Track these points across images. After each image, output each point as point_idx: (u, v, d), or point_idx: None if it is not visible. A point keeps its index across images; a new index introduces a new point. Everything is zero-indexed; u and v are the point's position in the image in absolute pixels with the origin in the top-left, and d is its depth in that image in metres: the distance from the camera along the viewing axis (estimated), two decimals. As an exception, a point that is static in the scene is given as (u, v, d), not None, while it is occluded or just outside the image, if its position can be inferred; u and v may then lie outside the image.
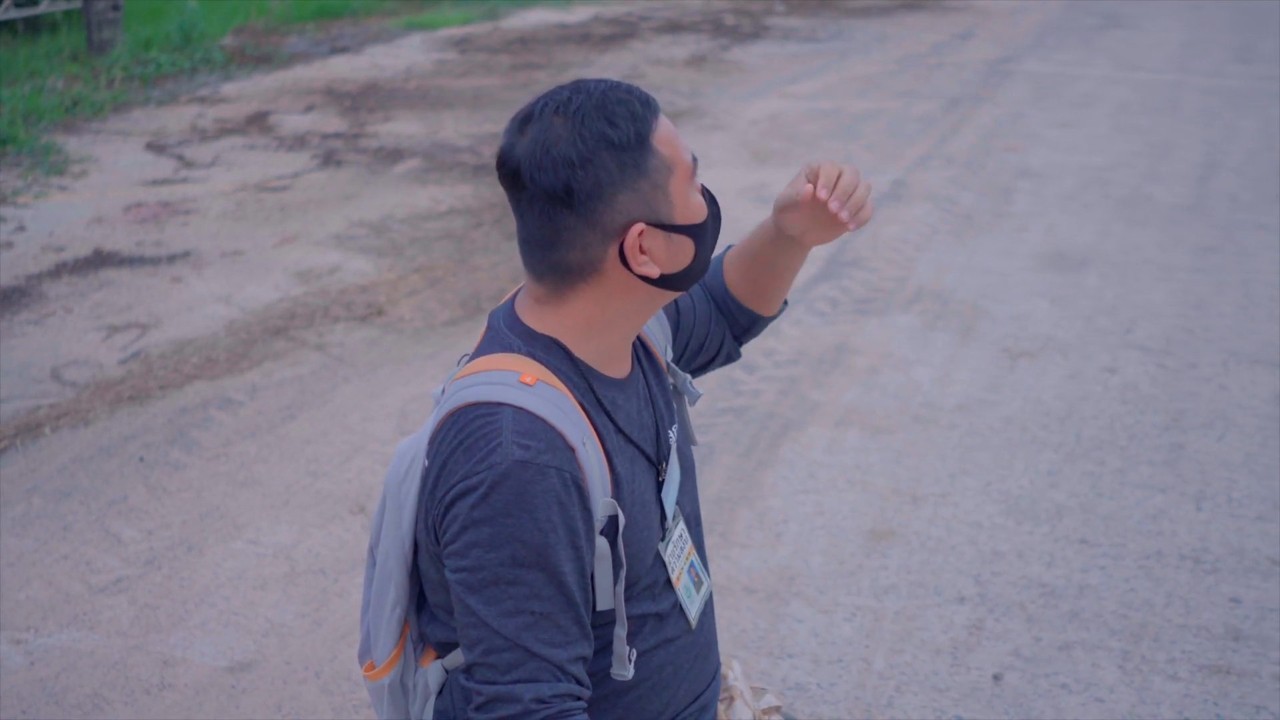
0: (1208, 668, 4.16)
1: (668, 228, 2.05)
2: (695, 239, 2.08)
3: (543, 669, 1.97)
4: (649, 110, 2.04)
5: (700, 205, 2.09)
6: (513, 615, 1.97)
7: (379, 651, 2.25)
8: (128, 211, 8.63)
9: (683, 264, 2.09)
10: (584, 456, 2.02)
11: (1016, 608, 4.47)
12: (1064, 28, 16.35)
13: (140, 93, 12.18)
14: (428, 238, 8.16)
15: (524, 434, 1.97)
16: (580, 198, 2.00)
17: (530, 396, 2.01)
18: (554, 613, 1.98)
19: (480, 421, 2.00)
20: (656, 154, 2.02)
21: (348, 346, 6.56)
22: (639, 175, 2.01)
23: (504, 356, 2.09)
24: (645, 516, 2.16)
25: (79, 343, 6.60)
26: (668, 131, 2.05)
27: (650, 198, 2.03)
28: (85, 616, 4.47)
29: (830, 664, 4.19)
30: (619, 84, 2.07)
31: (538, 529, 1.96)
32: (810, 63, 13.97)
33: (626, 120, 2.01)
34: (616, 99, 2.02)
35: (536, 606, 1.97)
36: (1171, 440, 5.63)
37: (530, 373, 2.04)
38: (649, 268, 2.05)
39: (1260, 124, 11.20)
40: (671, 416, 2.31)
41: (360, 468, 5.42)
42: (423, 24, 16.09)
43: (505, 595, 1.97)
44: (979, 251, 7.99)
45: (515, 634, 1.97)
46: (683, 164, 2.06)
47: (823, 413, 5.88)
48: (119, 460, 5.49)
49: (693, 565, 2.31)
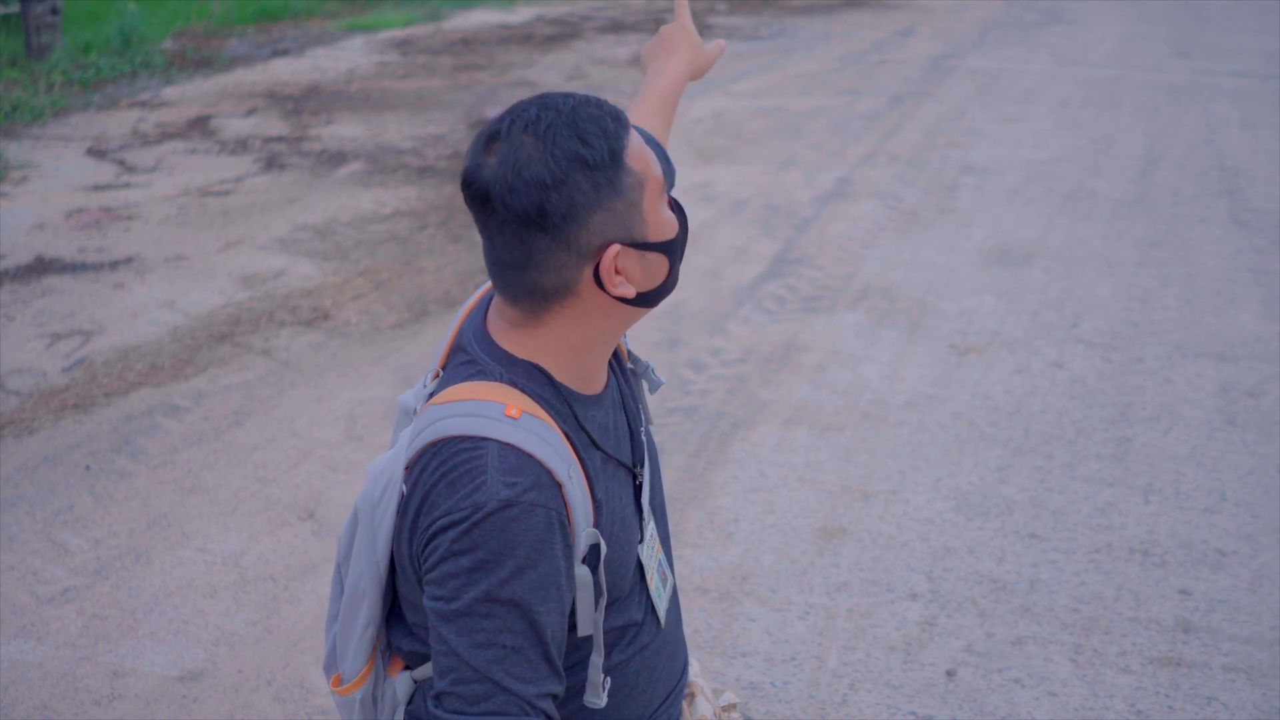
0: (1159, 660, 4.18)
1: (643, 246, 1.99)
2: (669, 255, 2.04)
3: (510, 703, 1.93)
4: (620, 125, 1.96)
5: (671, 220, 2.04)
6: (484, 648, 1.93)
7: (348, 668, 2.22)
8: (69, 217, 8.55)
9: (657, 281, 2.04)
10: (570, 491, 1.97)
11: (968, 603, 4.49)
12: (1005, 24, 16.43)
13: (80, 97, 12.07)
14: (372, 241, 8.12)
15: (510, 471, 1.91)
16: (554, 220, 1.92)
17: (516, 431, 1.95)
18: (526, 648, 1.94)
19: (464, 456, 1.93)
20: (630, 171, 1.95)
21: (294, 351, 6.52)
22: (614, 194, 1.94)
23: (484, 385, 2.02)
24: (626, 531, 2.14)
25: (21, 351, 6.54)
26: (639, 146, 1.98)
27: (625, 217, 1.96)
28: (33, 628, 4.42)
29: (784, 663, 4.19)
30: (588, 98, 2.00)
31: (517, 567, 1.91)
32: (753, 61, 13.99)
33: (599, 138, 1.93)
34: (587, 115, 1.95)
35: (509, 641, 1.93)
36: (1119, 434, 5.66)
37: (514, 404, 1.98)
38: (625, 289, 1.99)
39: (1201, 118, 11.29)
40: (642, 413, 2.30)
41: (309, 473, 5.39)
42: (364, 26, 16.02)
43: (478, 628, 1.93)
44: (925, 248, 8.02)
45: (485, 666, 1.92)
46: (654, 178, 1.99)
47: (772, 411, 5.89)
48: (64, 469, 5.44)
49: (660, 564, 2.29)
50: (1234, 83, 12.74)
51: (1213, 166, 9.72)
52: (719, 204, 8.88)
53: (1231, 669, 4.13)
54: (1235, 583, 4.59)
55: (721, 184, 9.33)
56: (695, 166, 9.80)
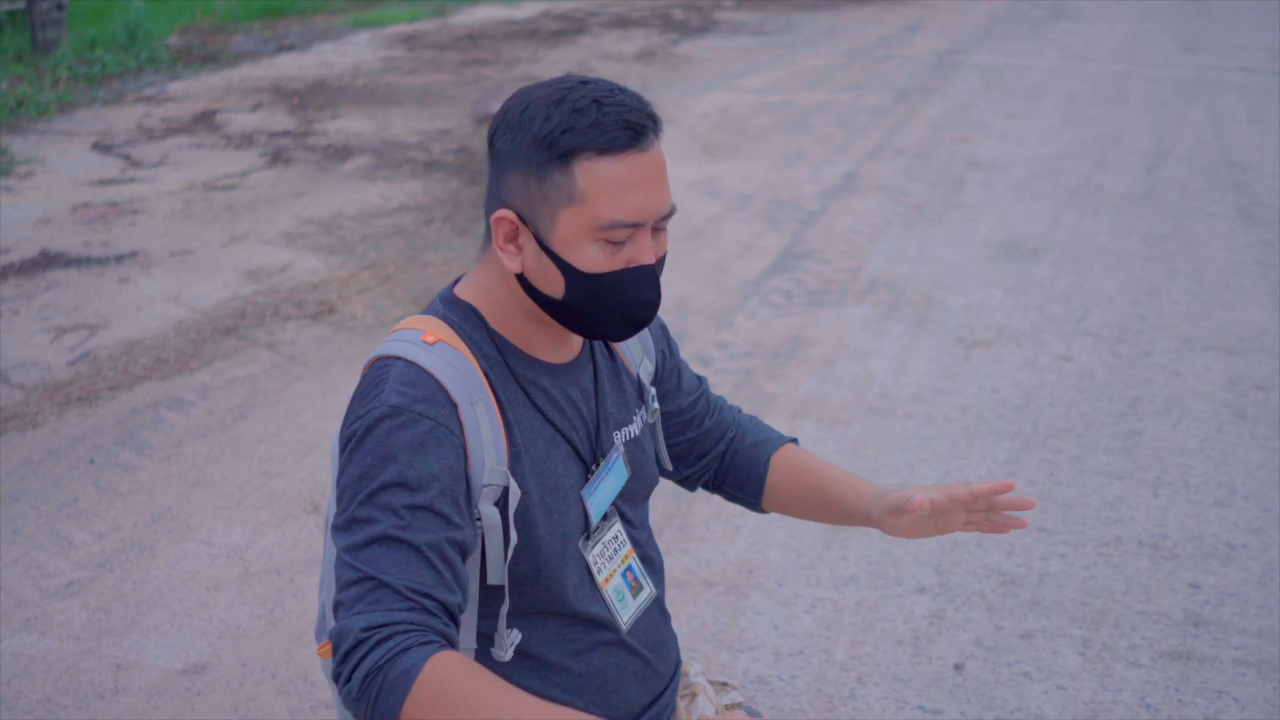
0: (1168, 654, 4.16)
1: (542, 245, 2.01)
2: (568, 279, 2.01)
3: (387, 596, 1.87)
4: (598, 138, 1.95)
5: (595, 260, 2.00)
6: (369, 546, 1.90)
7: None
8: (74, 212, 8.54)
9: (547, 287, 2.04)
10: (467, 414, 2.01)
11: (977, 597, 4.46)
12: (1011, 20, 16.41)
13: (86, 93, 12.06)
14: (378, 235, 8.11)
15: (406, 383, 1.99)
16: (496, 155, 2.05)
17: (424, 353, 2.02)
18: (413, 547, 1.90)
19: (375, 374, 2.03)
20: (570, 177, 1.96)
21: (299, 345, 6.50)
22: (533, 176, 1.99)
23: (420, 318, 2.12)
24: (559, 504, 2.13)
25: (26, 345, 6.52)
26: (606, 173, 1.96)
27: (535, 203, 2.00)
28: (37, 621, 4.40)
29: (791, 656, 4.17)
30: (626, 100, 2.00)
31: (399, 471, 1.93)
32: (759, 56, 13.97)
33: (561, 125, 1.96)
34: (584, 106, 1.97)
35: (395, 533, 1.90)
36: (1128, 427, 5.63)
37: (434, 332, 2.06)
38: (511, 261, 2.04)
39: (1208, 113, 11.26)
40: (623, 419, 2.28)
41: (314, 466, 5.37)
42: (370, 21, 16.01)
43: (365, 529, 1.91)
44: (931, 242, 8.00)
45: (368, 564, 1.89)
46: (593, 211, 1.97)
47: (779, 405, 5.86)
48: (69, 463, 5.42)
49: (630, 569, 2.27)
50: (1241, 78, 12.71)
51: (1220, 161, 9.69)
52: (725, 199, 8.86)
53: (1242, 663, 4.11)
54: (1245, 576, 4.56)
55: (727, 179, 9.31)
56: (701, 161, 9.78)
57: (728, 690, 2.58)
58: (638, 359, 2.34)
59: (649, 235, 2.02)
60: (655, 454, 2.40)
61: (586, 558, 2.19)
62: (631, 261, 2.01)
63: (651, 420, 2.37)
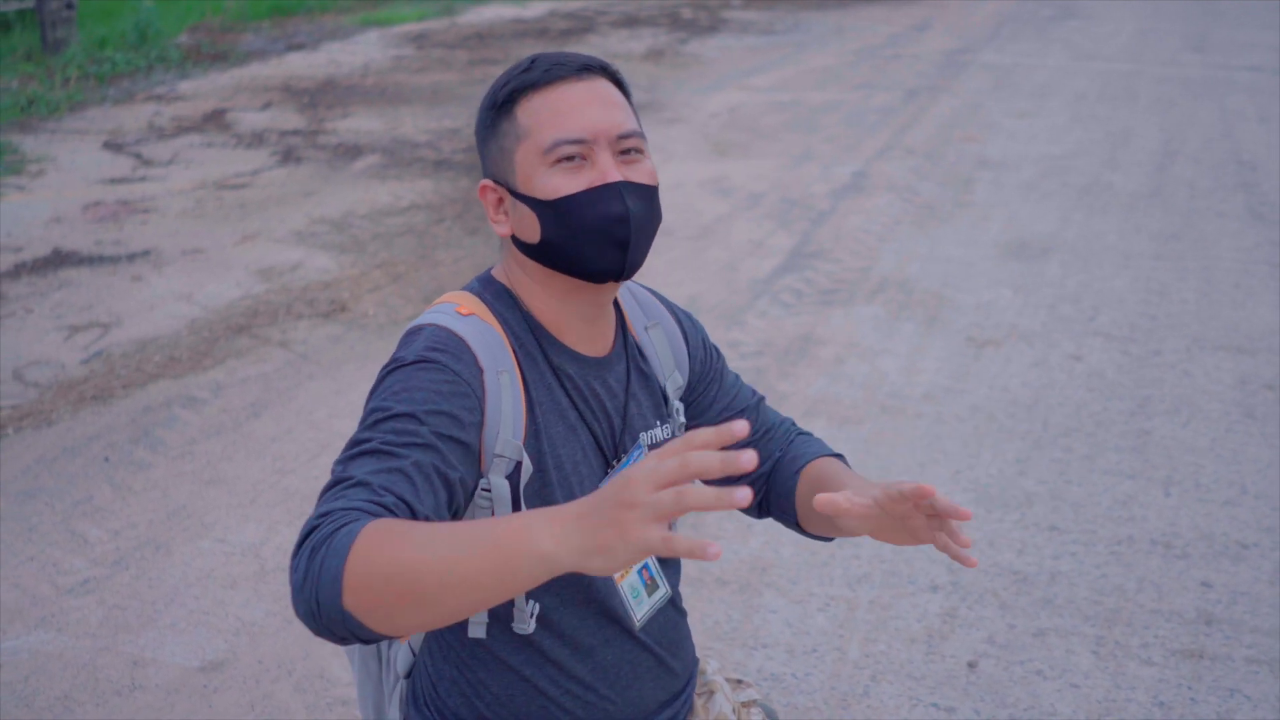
0: (1181, 652, 4.17)
1: (514, 194, 2.07)
2: (538, 213, 2.04)
3: (356, 492, 1.79)
4: (529, 76, 2.04)
5: (555, 186, 2.02)
6: (358, 458, 1.85)
7: None
8: (86, 210, 8.56)
9: (531, 236, 2.06)
10: (491, 381, 2.01)
11: (989, 595, 4.48)
12: (1019, 19, 16.40)
13: (96, 91, 12.08)
14: (389, 233, 8.12)
15: (437, 341, 2.00)
16: (477, 141, 2.14)
17: (457, 322, 2.05)
18: (397, 460, 1.84)
19: (408, 337, 2.04)
20: (513, 119, 2.05)
21: (312, 343, 6.52)
22: (491, 135, 2.08)
23: (458, 293, 2.15)
24: (575, 491, 2.11)
25: (40, 343, 6.54)
26: (542, 104, 2.03)
27: (500, 159, 2.07)
28: (53, 618, 4.42)
29: (805, 654, 4.18)
30: (565, 54, 2.10)
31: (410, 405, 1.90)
32: (768, 55, 13.98)
33: (503, 82, 2.06)
34: (520, 68, 2.08)
35: (384, 448, 1.85)
36: (1138, 426, 5.64)
37: (468, 305, 2.09)
38: (501, 227, 2.11)
39: (1217, 111, 11.26)
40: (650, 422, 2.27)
41: (327, 464, 5.38)
42: (379, 20, 16.02)
43: (359, 447, 1.87)
44: (941, 241, 8.01)
45: (346, 467, 1.84)
46: (536, 139, 2.02)
47: (790, 404, 5.88)
48: (83, 460, 5.44)
49: (646, 566, 2.27)
50: (1249, 77, 12.70)
51: (1229, 160, 9.69)
52: (735, 198, 8.87)
53: (1254, 661, 4.12)
54: (1257, 575, 4.57)
55: (737, 178, 9.31)
56: (710, 161, 9.79)
57: (744, 688, 2.58)
58: (668, 370, 2.33)
59: (608, 155, 2.04)
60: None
61: None
62: (594, 182, 2.03)
63: (680, 434, 2.35)
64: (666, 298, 2.41)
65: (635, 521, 1.53)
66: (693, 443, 1.53)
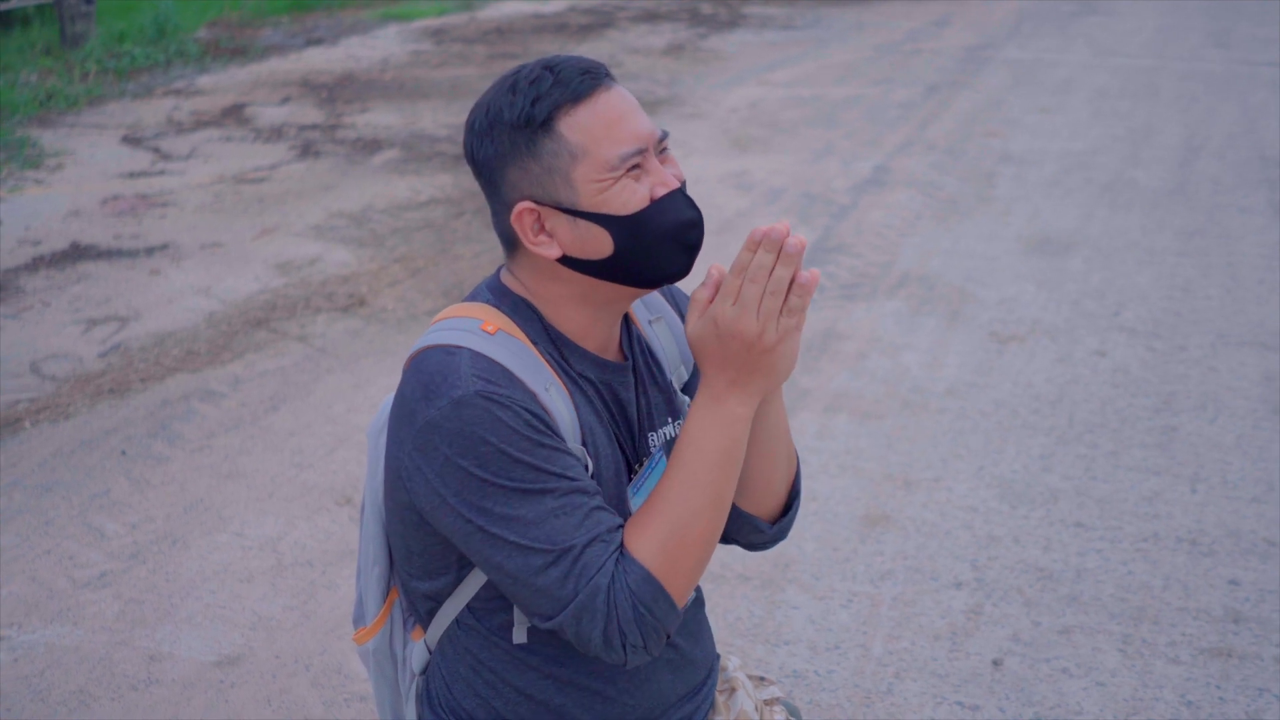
0: (1209, 650, 4.12)
1: (571, 212, 1.98)
2: (611, 230, 1.99)
3: (595, 554, 1.93)
4: (564, 91, 1.96)
5: (632, 199, 1.98)
6: (535, 525, 1.92)
7: (369, 613, 2.23)
8: (105, 204, 8.55)
9: (597, 252, 2.00)
10: (548, 400, 1.99)
11: (1014, 592, 4.43)
12: (1040, 14, 16.33)
13: (115, 86, 12.07)
14: (408, 228, 8.09)
15: (483, 370, 1.95)
16: (482, 168, 2.03)
17: (489, 343, 1.99)
18: (568, 503, 1.93)
19: (440, 363, 1.97)
20: (558, 137, 1.96)
21: (330, 337, 6.49)
22: (528, 155, 1.98)
23: (470, 305, 2.09)
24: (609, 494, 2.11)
25: (58, 336, 6.52)
26: (589, 118, 1.97)
27: (542, 179, 1.98)
28: (69, 612, 4.39)
29: (828, 651, 4.14)
30: (568, 59, 2.01)
31: (515, 437, 1.91)
32: (788, 50, 13.93)
33: (526, 98, 1.96)
34: (536, 76, 1.98)
35: (551, 507, 1.92)
36: (1164, 423, 5.59)
37: (492, 321, 2.03)
38: (548, 249, 2.01)
39: (1239, 108, 11.18)
40: (661, 421, 2.25)
41: (345, 458, 5.35)
42: (398, 15, 16.00)
43: (517, 517, 1.91)
44: (964, 236, 7.95)
45: (549, 541, 1.92)
46: (599, 156, 1.96)
47: (812, 399, 5.83)
48: (101, 454, 5.41)
49: None
50: (1272, 73, 12.62)
51: (1253, 156, 9.62)
52: (755, 193, 8.82)
53: (1283, 660, 4.07)
54: (1285, 573, 4.52)
55: (758, 173, 9.27)
56: (731, 155, 9.74)
57: (766, 685, 2.55)
58: (673, 365, 2.30)
59: (657, 162, 2.02)
60: None
61: None
62: (658, 190, 2.00)
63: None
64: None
65: (778, 352, 1.95)
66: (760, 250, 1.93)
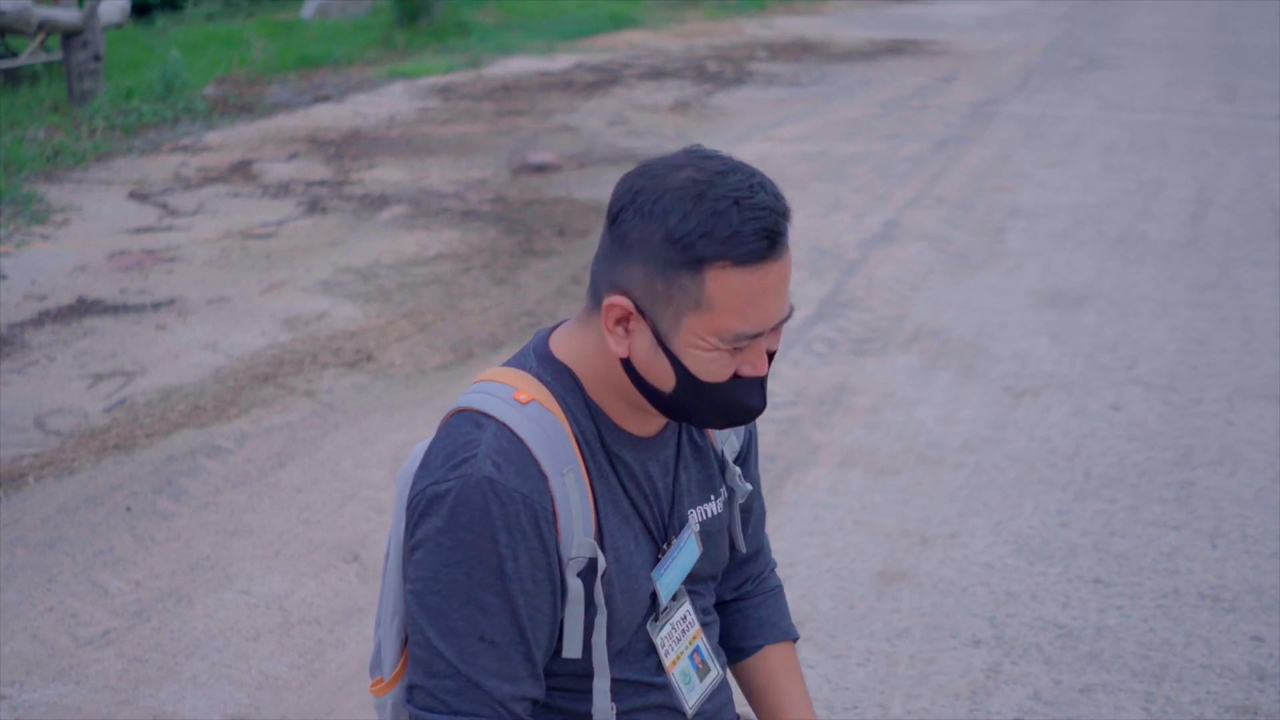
0: (1235, 708, 4.03)
1: (658, 339, 1.93)
2: (681, 380, 1.94)
3: (483, 703, 1.89)
4: (734, 249, 1.86)
5: (711, 369, 1.93)
6: (461, 638, 1.90)
7: (386, 664, 2.16)
8: (111, 259, 8.51)
9: (659, 383, 1.96)
10: (558, 487, 1.94)
11: (1034, 650, 4.35)
12: (1046, 69, 16.36)
13: (122, 142, 12.07)
14: (416, 283, 8.05)
15: (500, 452, 1.91)
16: (618, 232, 1.92)
17: (518, 415, 1.95)
18: (504, 644, 1.91)
19: (465, 429, 1.95)
20: (699, 282, 1.87)
21: (337, 393, 6.43)
22: (661, 269, 1.88)
23: (510, 371, 2.04)
24: (631, 582, 2.06)
25: (63, 391, 6.47)
26: (739, 285, 1.88)
27: (657, 297, 1.90)
28: (72, 670, 4.32)
29: (845, 711, 4.06)
30: (764, 202, 1.89)
31: (497, 553, 1.89)
32: (794, 107, 13.93)
33: (699, 228, 1.85)
34: (724, 208, 1.86)
35: (486, 632, 1.90)
36: (1181, 477, 5.52)
37: (528, 390, 1.98)
38: (618, 345, 1.96)
39: (1249, 161, 11.16)
40: (701, 498, 2.20)
41: (353, 515, 5.29)
42: (405, 72, 16.02)
43: (455, 615, 1.89)
44: (975, 290, 7.91)
45: (460, 660, 1.89)
46: (719, 320, 1.89)
47: (825, 454, 5.77)
48: (105, 510, 5.35)
49: (698, 650, 2.20)
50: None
51: (1264, 209, 9.59)
52: (765, 247, 8.77)
53: (1310, 718, 3.99)
54: (1310, 629, 4.44)
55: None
56: (740, 210, 9.70)
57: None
58: (725, 434, 2.24)
59: (761, 344, 1.98)
60: (731, 534, 2.29)
61: (655, 639, 2.13)
62: (744, 369, 1.96)
63: (743, 500, 2.28)
64: None
65: None
66: None
